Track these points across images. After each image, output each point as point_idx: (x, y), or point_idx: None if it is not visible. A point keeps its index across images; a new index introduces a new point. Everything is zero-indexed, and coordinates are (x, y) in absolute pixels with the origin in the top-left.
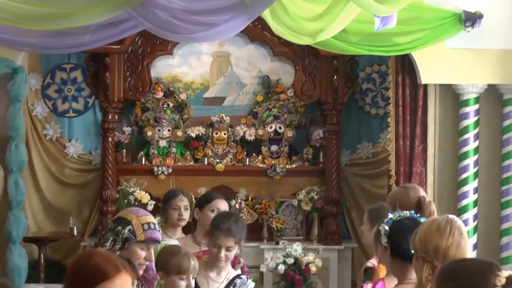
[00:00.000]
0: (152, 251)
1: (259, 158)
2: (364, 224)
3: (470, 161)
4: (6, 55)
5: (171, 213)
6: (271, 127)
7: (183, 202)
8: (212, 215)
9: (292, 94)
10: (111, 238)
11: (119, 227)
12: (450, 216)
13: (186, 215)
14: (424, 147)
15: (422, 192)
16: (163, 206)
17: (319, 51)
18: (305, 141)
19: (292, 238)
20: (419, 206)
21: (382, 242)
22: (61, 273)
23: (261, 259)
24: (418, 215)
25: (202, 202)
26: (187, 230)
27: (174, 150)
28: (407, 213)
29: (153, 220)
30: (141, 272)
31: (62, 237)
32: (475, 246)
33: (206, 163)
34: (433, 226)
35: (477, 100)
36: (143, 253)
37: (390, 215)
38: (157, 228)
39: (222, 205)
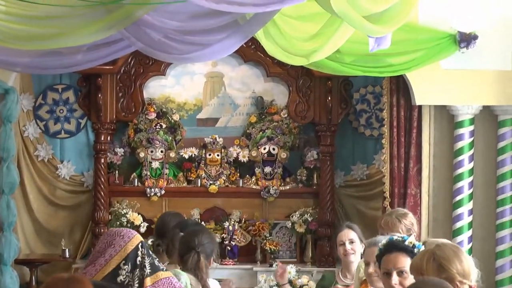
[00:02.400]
0: None
1: (253, 179)
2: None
3: (465, 182)
4: None
5: None
6: (264, 149)
7: None
8: None
9: (286, 115)
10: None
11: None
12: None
13: None
14: (418, 168)
15: (412, 221)
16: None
17: (313, 72)
18: (299, 163)
19: (286, 260)
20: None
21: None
22: None
23: (255, 282)
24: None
25: None
26: None
27: (167, 171)
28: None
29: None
30: None
31: (54, 259)
32: None
33: (199, 184)
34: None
35: (472, 121)
36: None
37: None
38: None
39: None
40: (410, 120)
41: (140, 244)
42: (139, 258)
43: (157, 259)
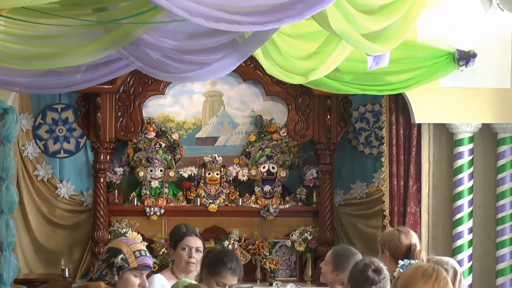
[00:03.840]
0: (145, 278)
1: (252, 198)
2: (325, 264)
3: (464, 200)
4: None
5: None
6: (264, 167)
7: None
8: (184, 253)
9: (285, 134)
10: (106, 270)
11: (112, 258)
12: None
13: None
14: (418, 186)
15: (414, 239)
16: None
17: (312, 91)
18: (298, 181)
19: (286, 279)
20: (409, 252)
21: None
22: None
23: None
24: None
25: (174, 242)
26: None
27: (166, 190)
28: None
29: (143, 247)
30: None
31: (53, 279)
32: (470, 287)
33: (198, 203)
34: (418, 272)
35: (471, 139)
36: (137, 280)
37: (401, 262)
38: (147, 255)
39: (192, 241)
40: (409, 138)
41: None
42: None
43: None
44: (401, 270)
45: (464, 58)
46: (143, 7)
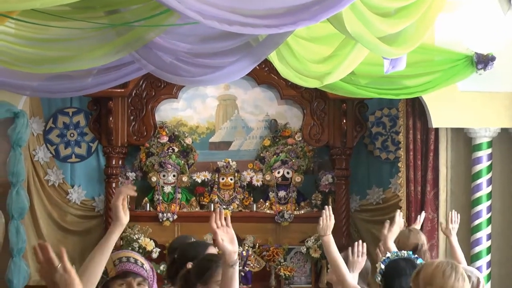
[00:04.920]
0: (134, 283)
1: (267, 204)
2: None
3: (483, 206)
4: (7, 99)
5: None
6: (278, 172)
7: None
8: None
9: (300, 139)
10: None
11: None
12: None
13: None
14: (435, 192)
15: (422, 239)
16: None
17: (328, 94)
18: (313, 187)
19: (301, 286)
20: (415, 250)
21: (376, 280)
22: None
23: None
24: (416, 256)
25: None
26: None
27: (179, 196)
28: (404, 253)
29: (129, 254)
30: None
31: None
32: None
33: (212, 209)
34: (439, 270)
35: (490, 144)
36: None
37: (388, 254)
38: (130, 260)
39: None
40: (426, 143)
41: None
42: None
43: None
44: (382, 264)
45: (483, 61)
46: (156, 9)
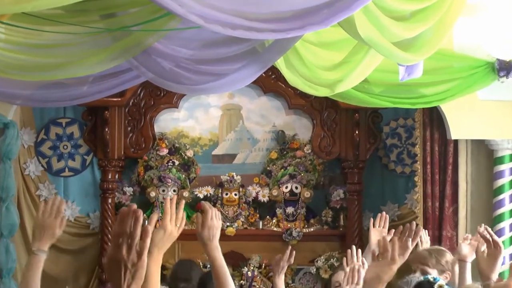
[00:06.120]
0: None
1: (274, 221)
2: None
3: (505, 224)
4: None
5: None
6: (286, 187)
7: None
8: None
9: (309, 151)
10: None
11: None
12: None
13: None
14: (455, 208)
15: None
16: None
17: (339, 104)
18: (324, 203)
19: None
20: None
21: None
22: None
23: None
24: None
25: None
26: None
27: None
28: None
29: None
30: None
31: None
32: None
33: None
34: None
35: None
36: None
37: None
38: None
39: None
40: (445, 156)
41: None
42: None
43: None
44: None
45: (505, 68)
46: (155, 13)
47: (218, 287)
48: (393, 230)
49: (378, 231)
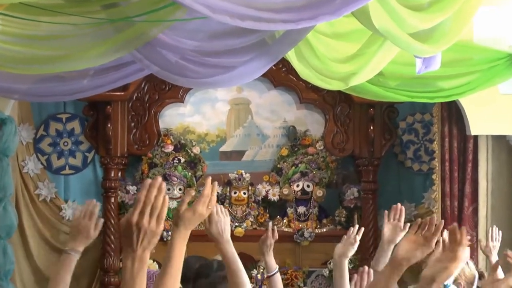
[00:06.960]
0: None
1: (284, 221)
2: None
3: None
4: None
5: None
6: (297, 186)
7: None
8: None
9: (321, 148)
10: None
11: None
12: None
13: None
14: (474, 208)
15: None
16: None
17: (353, 98)
18: (337, 202)
19: None
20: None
21: None
22: None
23: None
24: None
25: None
26: None
27: None
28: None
29: None
30: None
31: None
32: None
33: None
34: None
35: None
36: None
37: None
38: None
39: None
40: (464, 152)
41: None
42: None
43: None
44: None
45: None
46: (159, 3)
47: (233, 285)
48: (408, 224)
49: (393, 225)
